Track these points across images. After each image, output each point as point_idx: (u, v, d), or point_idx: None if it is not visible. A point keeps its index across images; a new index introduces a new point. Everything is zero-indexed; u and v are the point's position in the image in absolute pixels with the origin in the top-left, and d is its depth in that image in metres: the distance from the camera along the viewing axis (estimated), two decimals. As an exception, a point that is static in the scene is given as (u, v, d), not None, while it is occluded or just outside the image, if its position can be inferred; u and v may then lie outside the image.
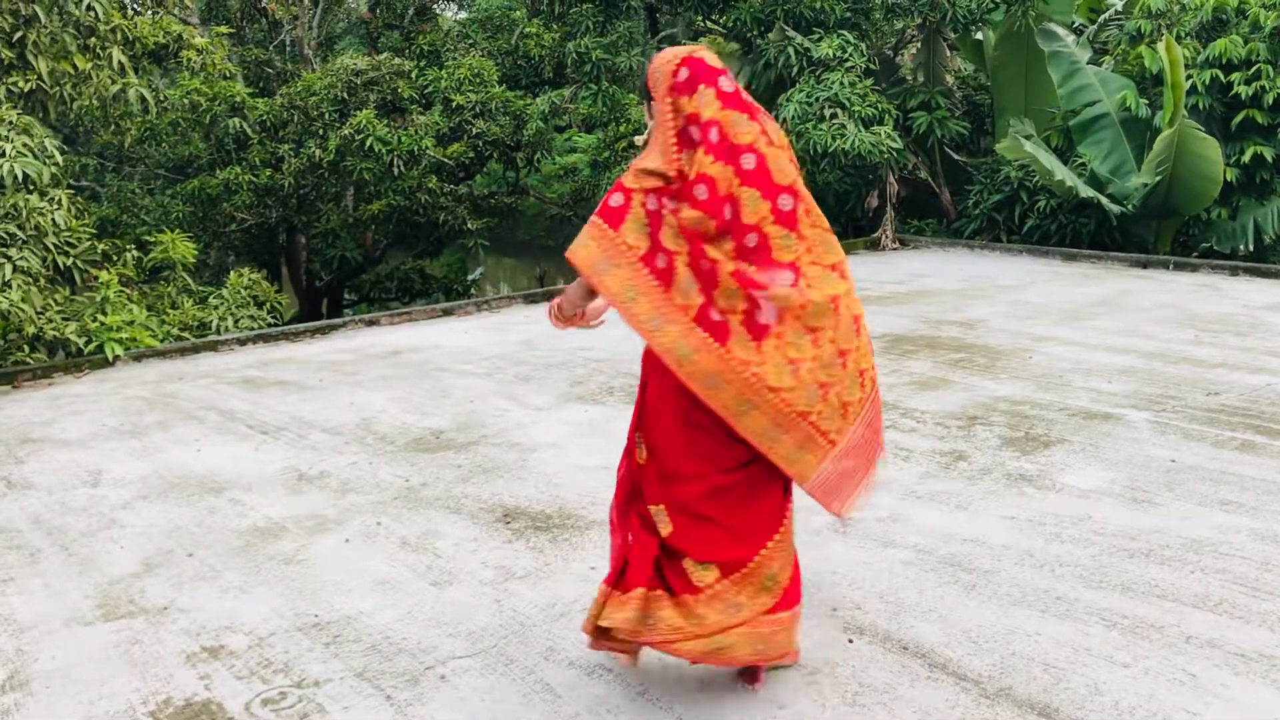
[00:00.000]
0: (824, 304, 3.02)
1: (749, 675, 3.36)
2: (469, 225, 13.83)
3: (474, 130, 13.49)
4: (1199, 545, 4.31)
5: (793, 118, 11.84)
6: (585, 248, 2.99)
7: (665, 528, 3.10)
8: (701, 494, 3.08)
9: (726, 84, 3.03)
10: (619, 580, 3.15)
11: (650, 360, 3.15)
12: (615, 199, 3.00)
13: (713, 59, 3.08)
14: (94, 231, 10.72)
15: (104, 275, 9.01)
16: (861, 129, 11.66)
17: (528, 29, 15.14)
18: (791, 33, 12.52)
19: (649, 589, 3.09)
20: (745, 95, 3.08)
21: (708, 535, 3.09)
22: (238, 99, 13.01)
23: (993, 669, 3.44)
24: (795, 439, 3.03)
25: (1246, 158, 11.52)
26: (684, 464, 3.10)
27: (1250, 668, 3.40)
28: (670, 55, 3.07)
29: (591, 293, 3.15)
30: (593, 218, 3.02)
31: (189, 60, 11.67)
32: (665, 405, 3.11)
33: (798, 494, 3.25)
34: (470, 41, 15.44)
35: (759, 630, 3.13)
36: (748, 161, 2.97)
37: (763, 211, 2.98)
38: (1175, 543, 4.35)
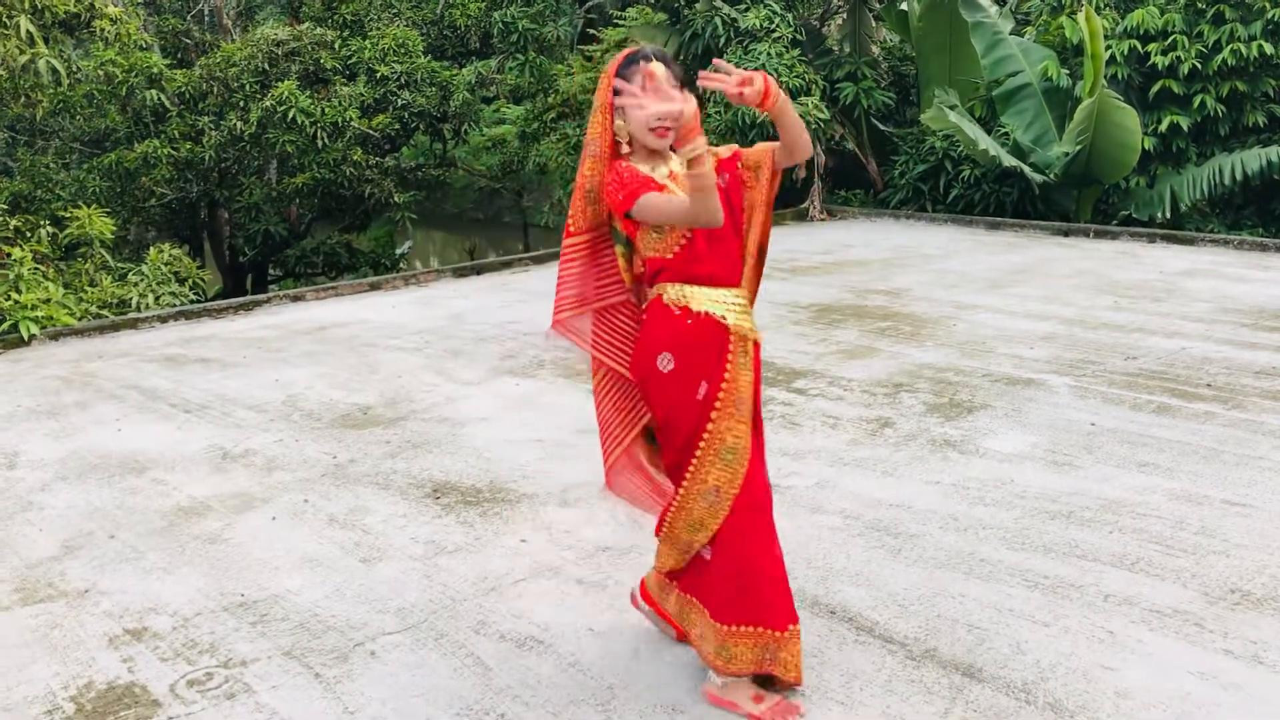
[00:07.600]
0: None
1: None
2: (396, 198, 13.60)
3: (399, 101, 13.27)
4: (1117, 506, 4.42)
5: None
6: None
7: None
8: None
9: None
10: None
11: None
12: None
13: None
14: (5, 207, 10.41)
15: (17, 252, 8.74)
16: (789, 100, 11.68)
17: (453, -2, 14.92)
18: (719, 3, 12.50)
19: None
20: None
21: None
22: (155, 70, 12.64)
23: (919, 631, 3.50)
24: None
25: (1164, 127, 11.76)
26: None
27: (1165, 623, 3.50)
28: None
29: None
30: None
31: (102, 30, 11.32)
32: None
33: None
34: (394, 11, 15.14)
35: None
36: None
37: None
38: (1094, 504, 4.45)
